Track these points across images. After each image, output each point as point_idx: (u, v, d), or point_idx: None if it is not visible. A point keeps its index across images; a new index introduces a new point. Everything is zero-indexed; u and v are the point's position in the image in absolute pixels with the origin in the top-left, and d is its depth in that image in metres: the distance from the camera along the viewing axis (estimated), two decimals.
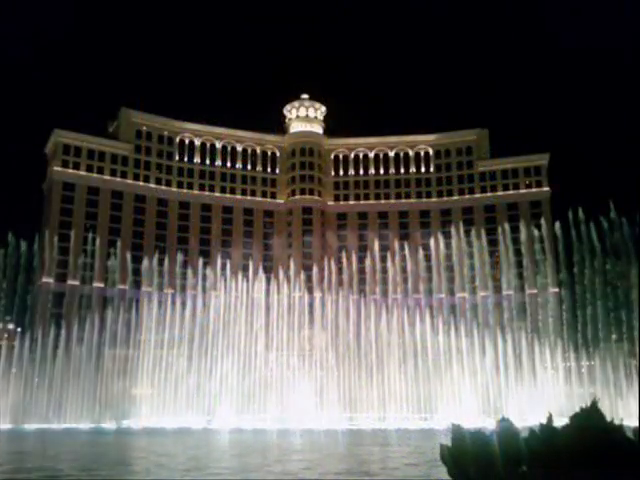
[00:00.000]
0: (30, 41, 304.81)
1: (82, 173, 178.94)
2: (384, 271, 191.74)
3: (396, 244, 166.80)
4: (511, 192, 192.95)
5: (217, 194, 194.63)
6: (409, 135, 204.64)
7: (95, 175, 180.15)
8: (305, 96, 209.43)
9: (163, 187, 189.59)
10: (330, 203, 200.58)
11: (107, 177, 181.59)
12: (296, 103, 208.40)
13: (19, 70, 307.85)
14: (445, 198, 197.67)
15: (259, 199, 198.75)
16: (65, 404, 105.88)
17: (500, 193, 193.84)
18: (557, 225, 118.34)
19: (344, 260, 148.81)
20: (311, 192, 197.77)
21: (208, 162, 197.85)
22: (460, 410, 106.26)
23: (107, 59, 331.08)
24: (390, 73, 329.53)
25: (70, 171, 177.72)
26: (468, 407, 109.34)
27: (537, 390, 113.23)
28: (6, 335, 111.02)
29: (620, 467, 3.84)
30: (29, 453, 49.36)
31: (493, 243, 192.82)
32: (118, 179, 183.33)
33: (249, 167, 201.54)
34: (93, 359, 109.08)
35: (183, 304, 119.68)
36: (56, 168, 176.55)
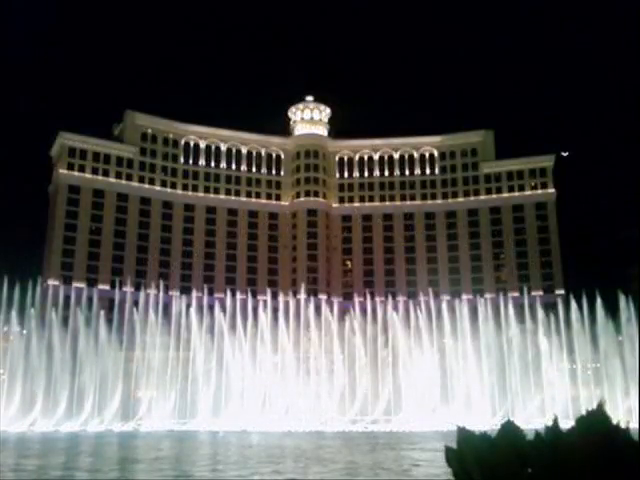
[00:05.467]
0: (35, 43, 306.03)
1: (87, 176, 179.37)
2: (389, 273, 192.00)
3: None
4: (516, 194, 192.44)
5: (222, 196, 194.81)
6: (414, 137, 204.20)
7: (100, 178, 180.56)
8: (310, 98, 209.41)
9: (168, 189, 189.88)
10: (335, 205, 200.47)
11: (112, 180, 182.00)
12: (301, 105, 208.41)
13: (24, 73, 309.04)
14: (450, 200, 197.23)
15: (264, 201, 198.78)
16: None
17: (505, 195, 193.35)
18: None
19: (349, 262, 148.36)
20: (316, 194, 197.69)
21: (213, 164, 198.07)
22: (468, 412, 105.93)
23: (113, 62, 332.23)
24: (395, 74, 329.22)
25: (76, 174, 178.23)
26: (475, 409, 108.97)
27: (544, 392, 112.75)
28: (11, 337, 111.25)
29: (625, 471, 3.79)
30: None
31: (498, 245, 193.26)
32: (123, 182, 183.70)
33: (254, 169, 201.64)
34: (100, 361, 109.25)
35: (188, 306, 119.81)
36: (62, 171, 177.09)
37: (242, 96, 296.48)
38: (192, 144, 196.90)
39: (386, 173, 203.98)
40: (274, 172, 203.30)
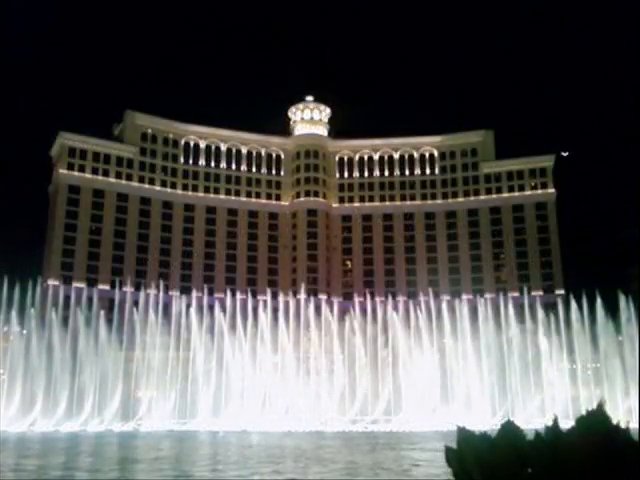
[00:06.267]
0: (35, 43, 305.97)
1: (87, 176, 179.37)
2: (389, 273, 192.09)
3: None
4: (516, 194, 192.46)
5: (222, 196, 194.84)
6: (414, 137, 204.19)
7: (100, 178, 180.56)
8: (310, 98, 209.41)
9: (168, 189, 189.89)
10: (335, 205, 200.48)
11: (112, 180, 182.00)
12: (301, 105, 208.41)
13: (24, 73, 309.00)
14: (450, 200, 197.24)
15: (264, 201, 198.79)
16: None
17: (505, 195, 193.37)
18: None
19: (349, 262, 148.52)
20: (316, 194, 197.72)
21: (213, 164, 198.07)
22: (468, 412, 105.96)
23: (113, 62, 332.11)
24: (395, 74, 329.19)
25: (76, 174, 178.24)
26: (475, 409, 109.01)
27: (544, 392, 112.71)
28: (11, 337, 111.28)
29: (625, 471, 3.78)
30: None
31: (498, 245, 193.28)
32: (123, 182, 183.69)
33: (254, 169, 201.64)
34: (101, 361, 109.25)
35: (188, 306, 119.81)
36: (62, 171, 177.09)
37: (242, 96, 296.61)
38: (192, 144, 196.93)
39: (386, 173, 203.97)
40: (274, 172, 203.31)
